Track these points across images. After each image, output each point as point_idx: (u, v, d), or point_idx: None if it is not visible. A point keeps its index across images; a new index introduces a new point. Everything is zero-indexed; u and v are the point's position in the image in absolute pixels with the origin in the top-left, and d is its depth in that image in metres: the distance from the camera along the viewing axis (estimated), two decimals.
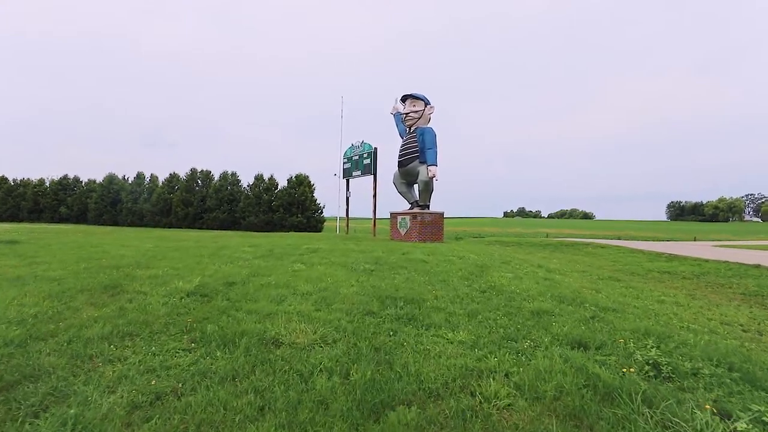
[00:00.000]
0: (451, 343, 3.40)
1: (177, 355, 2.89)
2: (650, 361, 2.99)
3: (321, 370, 2.69)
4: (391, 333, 3.57)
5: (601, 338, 3.58)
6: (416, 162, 16.07)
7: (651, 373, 2.85)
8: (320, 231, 37.07)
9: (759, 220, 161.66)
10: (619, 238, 35.40)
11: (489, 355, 3.10)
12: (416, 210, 15.96)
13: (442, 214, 16.47)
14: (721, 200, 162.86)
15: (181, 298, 4.37)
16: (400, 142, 16.96)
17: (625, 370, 2.86)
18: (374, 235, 18.40)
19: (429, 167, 15.39)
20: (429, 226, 15.77)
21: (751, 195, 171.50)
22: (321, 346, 3.12)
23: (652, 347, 3.31)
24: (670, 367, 2.90)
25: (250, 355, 2.87)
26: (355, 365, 2.77)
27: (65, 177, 44.31)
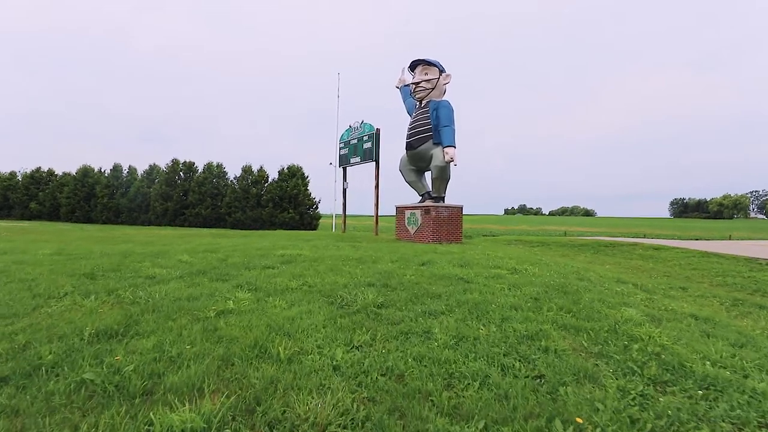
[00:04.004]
0: None
1: None
2: None
3: None
4: None
5: None
6: (429, 143, 12.67)
7: None
8: (315, 229, 33.66)
9: (764, 217, 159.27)
10: (644, 236, 32.17)
11: None
12: (429, 203, 12.60)
13: (461, 208, 13.12)
14: (725, 197, 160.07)
15: None
16: (406, 126, 13.54)
17: None
18: (376, 234, 15.02)
19: (445, 149, 11.99)
20: (445, 224, 12.43)
21: (755, 192, 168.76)
22: None
23: None
24: None
25: None
26: None
27: (38, 170, 40.56)
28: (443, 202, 12.72)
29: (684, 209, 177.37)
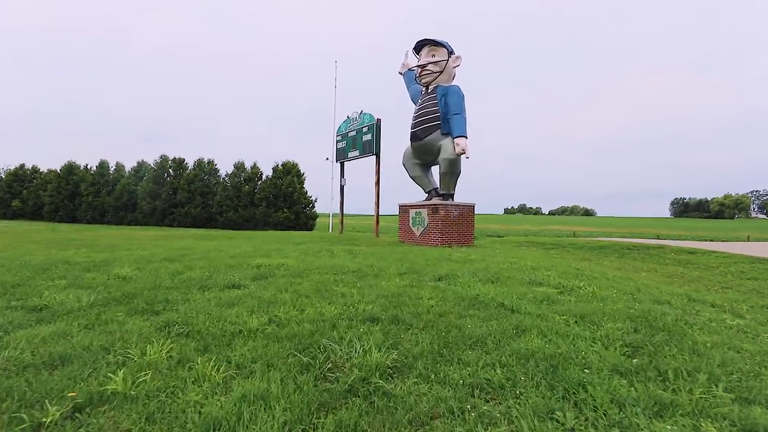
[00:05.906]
0: None
1: None
2: None
3: None
4: None
5: None
6: (437, 133, 11.10)
7: None
8: (311, 229, 32.01)
9: (765, 216, 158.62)
10: (658, 237, 30.70)
11: None
12: (437, 201, 11.06)
13: (473, 206, 11.57)
14: (726, 197, 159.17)
15: None
16: (409, 122, 11.95)
17: None
18: (377, 236, 13.44)
19: (456, 140, 10.42)
20: (456, 224, 10.87)
21: (756, 191, 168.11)
22: None
23: None
24: None
25: None
26: None
27: (21, 167, 38.84)
28: (452, 199, 11.17)
29: (684, 209, 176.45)
